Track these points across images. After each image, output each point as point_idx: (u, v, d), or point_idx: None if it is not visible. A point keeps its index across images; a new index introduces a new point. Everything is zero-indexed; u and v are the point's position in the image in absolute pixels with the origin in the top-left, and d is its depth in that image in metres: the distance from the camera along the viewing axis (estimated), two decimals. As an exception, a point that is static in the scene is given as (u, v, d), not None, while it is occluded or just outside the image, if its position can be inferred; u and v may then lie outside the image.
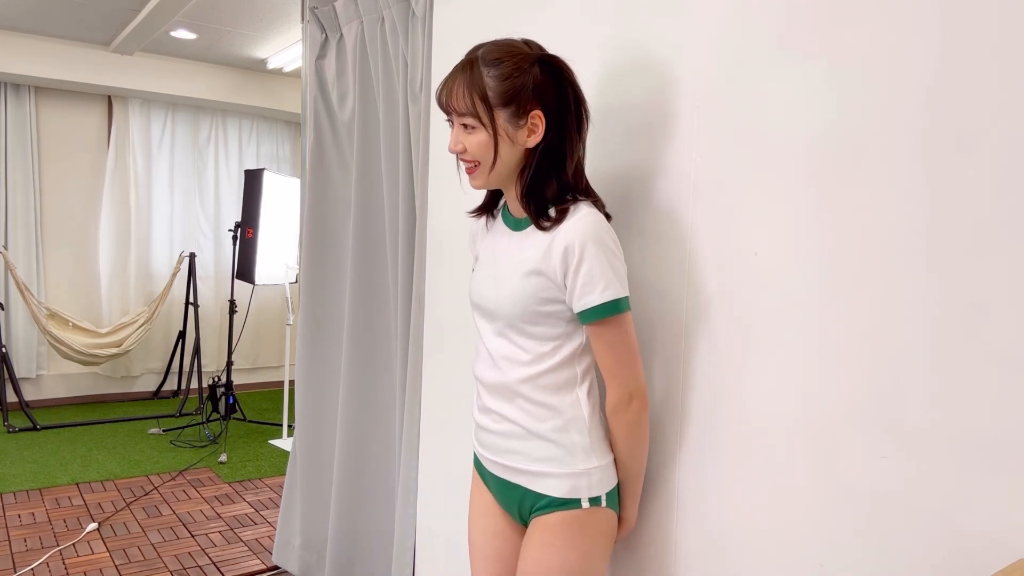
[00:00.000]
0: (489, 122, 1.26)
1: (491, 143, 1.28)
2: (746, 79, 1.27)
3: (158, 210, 5.97)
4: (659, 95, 1.42)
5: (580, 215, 1.27)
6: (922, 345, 1.04)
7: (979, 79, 0.99)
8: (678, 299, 1.38)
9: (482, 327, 1.42)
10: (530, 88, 1.25)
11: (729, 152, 1.30)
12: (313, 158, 2.68)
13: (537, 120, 1.26)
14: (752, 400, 1.26)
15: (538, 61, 1.27)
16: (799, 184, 1.19)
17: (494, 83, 1.25)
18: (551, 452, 1.32)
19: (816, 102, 1.17)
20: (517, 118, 1.26)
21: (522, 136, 1.28)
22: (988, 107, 0.98)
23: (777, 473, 1.22)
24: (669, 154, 1.40)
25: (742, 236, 1.28)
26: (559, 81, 1.28)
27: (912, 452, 1.05)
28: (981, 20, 0.99)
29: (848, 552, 1.13)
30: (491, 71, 1.25)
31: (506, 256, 1.37)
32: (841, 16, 1.14)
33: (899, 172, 1.07)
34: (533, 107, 1.26)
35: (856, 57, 1.12)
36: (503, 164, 1.30)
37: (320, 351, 2.74)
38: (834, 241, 1.15)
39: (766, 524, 1.24)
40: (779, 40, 1.22)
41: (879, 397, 1.09)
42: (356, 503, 2.52)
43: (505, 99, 1.25)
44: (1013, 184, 0.96)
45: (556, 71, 1.28)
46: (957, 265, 1.01)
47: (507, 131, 1.27)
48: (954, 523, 1.01)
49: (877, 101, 1.09)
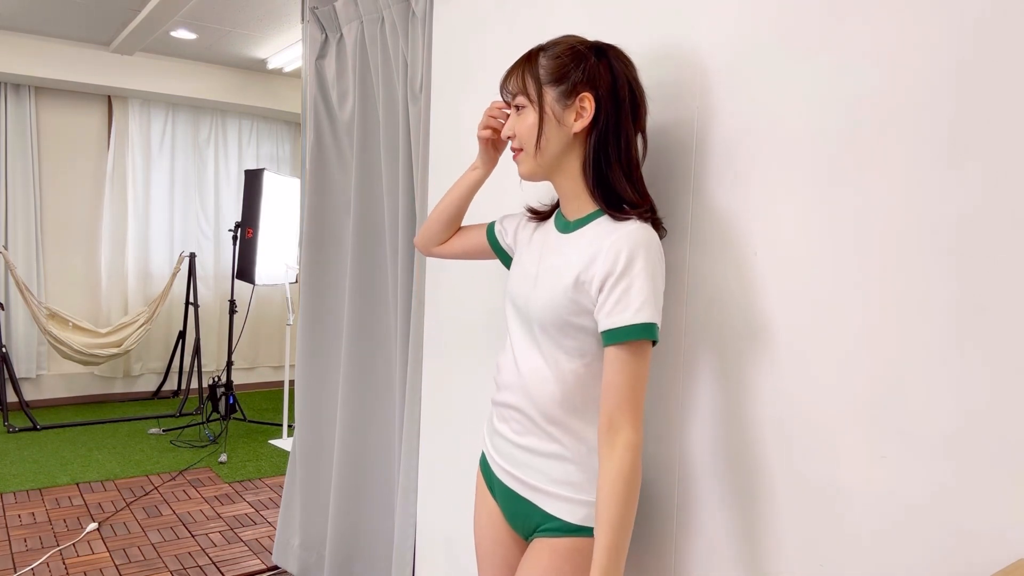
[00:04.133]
0: (537, 98, 1.25)
1: (536, 123, 1.25)
2: (750, 75, 1.27)
3: (158, 210, 5.97)
4: (659, 93, 1.42)
5: (636, 226, 1.21)
6: (922, 345, 1.04)
7: (983, 78, 0.99)
8: (678, 299, 1.38)
9: (513, 327, 1.37)
10: (581, 69, 1.22)
11: (732, 149, 1.30)
12: (313, 158, 2.68)
13: (586, 103, 1.22)
14: (752, 400, 1.26)
15: (595, 48, 1.25)
16: (801, 183, 1.19)
17: (547, 62, 1.25)
18: (572, 476, 1.27)
19: (821, 99, 1.17)
20: (566, 98, 1.23)
21: (569, 118, 1.24)
22: (1000, 104, 0.98)
23: (777, 473, 1.22)
24: (668, 153, 1.40)
25: (743, 235, 1.28)
26: (614, 69, 1.24)
27: (912, 452, 1.05)
28: (997, 13, 0.99)
29: (848, 552, 1.13)
30: (546, 53, 1.26)
31: (550, 256, 1.32)
32: (847, 11, 1.14)
33: (907, 171, 1.07)
34: (583, 89, 1.22)
35: (862, 53, 1.12)
36: (548, 146, 1.26)
37: (320, 351, 2.74)
38: (833, 241, 1.15)
39: (766, 524, 1.24)
40: (786, 36, 1.22)
41: (879, 397, 1.09)
42: (356, 503, 2.52)
43: (554, 77, 1.23)
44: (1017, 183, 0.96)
45: (613, 59, 1.25)
46: (957, 265, 1.01)
47: (555, 110, 1.24)
48: (954, 523, 1.01)
49: (882, 100, 1.09)
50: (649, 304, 1.16)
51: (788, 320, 1.21)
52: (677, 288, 1.38)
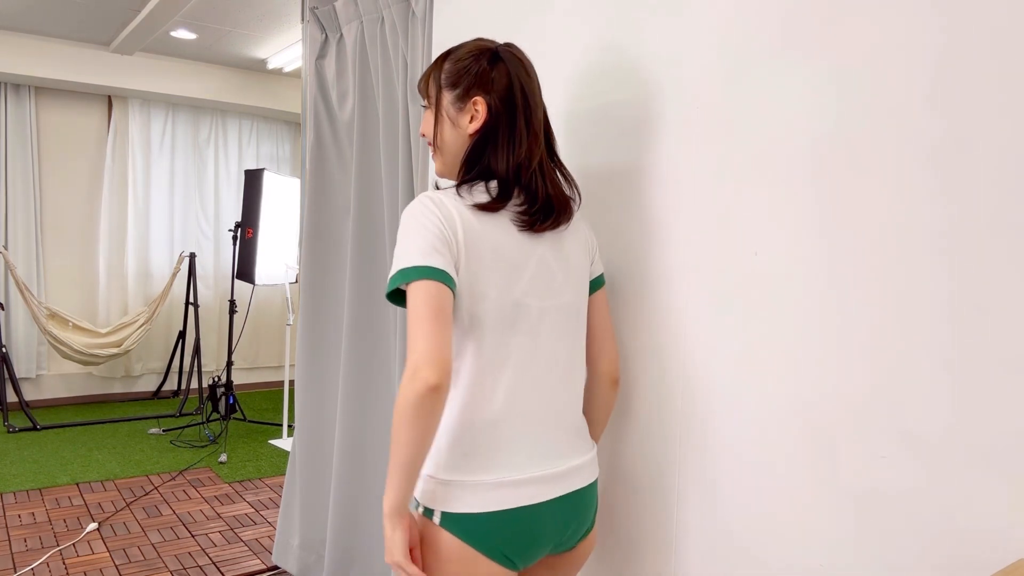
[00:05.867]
0: (435, 102, 1.31)
1: (432, 122, 1.32)
2: (747, 78, 1.27)
3: (158, 210, 5.97)
4: (660, 95, 1.42)
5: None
6: (922, 346, 1.04)
7: (982, 80, 0.99)
8: (680, 299, 1.38)
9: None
10: (475, 74, 1.27)
11: (729, 151, 1.30)
12: (313, 158, 2.68)
13: (479, 106, 1.27)
14: (752, 401, 1.26)
15: (492, 53, 1.29)
16: (799, 184, 1.19)
17: (448, 66, 1.31)
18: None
19: (817, 102, 1.17)
20: (460, 101, 1.29)
21: (464, 120, 1.29)
22: (991, 106, 0.98)
23: (777, 473, 1.22)
24: (666, 154, 1.40)
25: (742, 236, 1.28)
26: (510, 74, 1.27)
27: (912, 452, 1.05)
28: (985, 17, 0.99)
29: (848, 552, 1.13)
30: (450, 58, 1.32)
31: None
32: (841, 14, 1.14)
33: (900, 173, 1.07)
34: (476, 93, 1.28)
35: (857, 57, 1.12)
36: (445, 146, 1.32)
37: (320, 351, 2.74)
38: (832, 242, 1.15)
39: (766, 525, 1.24)
40: (780, 39, 1.22)
41: (879, 397, 1.09)
42: (355, 503, 2.52)
43: (451, 81, 1.29)
44: (1016, 184, 0.96)
45: (508, 63, 1.28)
46: (958, 266, 1.01)
47: (449, 113, 1.30)
48: (954, 523, 1.01)
49: (878, 101, 1.09)
50: (396, 259, 1.22)
51: (787, 320, 1.21)
52: (676, 288, 1.38)
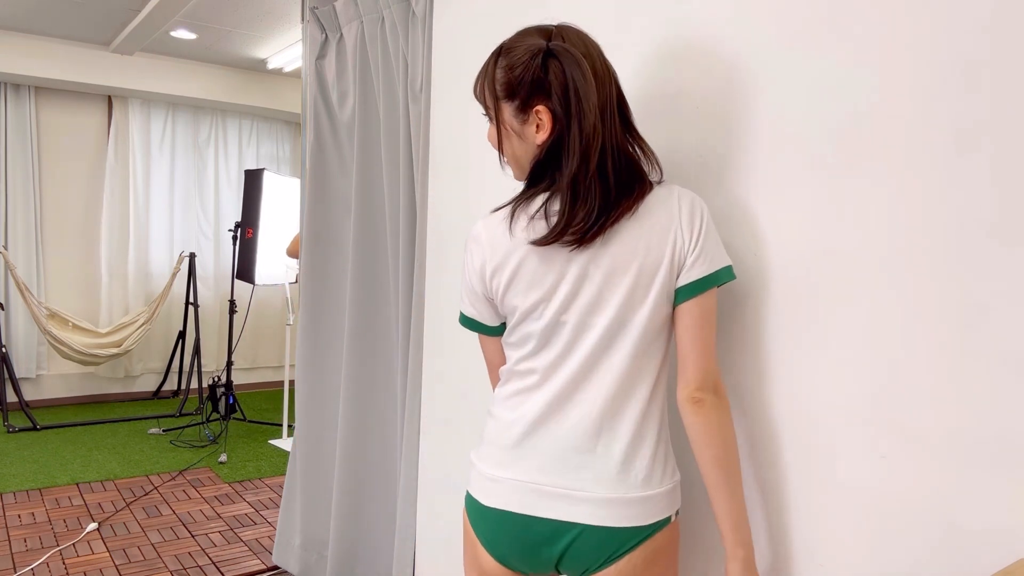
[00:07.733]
0: (495, 115, 1.19)
1: (496, 134, 1.20)
2: (756, 73, 1.27)
3: (158, 210, 5.97)
4: (660, 91, 1.42)
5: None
6: (922, 345, 1.04)
7: (982, 79, 0.99)
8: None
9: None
10: (531, 82, 1.13)
11: (740, 145, 1.30)
12: (313, 158, 2.68)
13: (543, 116, 1.14)
14: (751, 400, 1.26)
15: (543, 52, 1.13)
16: (807, 179, 1.19)
17: (500, 74, 1.16)
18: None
19: (828, 97, 1.17)
20: (522, 112, 1.16)
21: (530, 132, 1.16)
22: (995, 104, 0.98)
23: (777, 473, 1.22)
24: (674, 150, 1.40)
25: (748, 232, 1.28)
26: (565, 72, 1.12)
27: (912, 452, 1.05)
28: (991, 14, 0.99)
29: (848, 552, 1.13)
30: (500, 63, 1.17)
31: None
32: (857, 9, 1.14)
33: (904, 171, 1.07)
34: (537, 102, 1.14)
35: (868, 53, 1.12)
36: (516, 159, 1.20)
37: (320, 351, 2.74)
38: (834, 241, 1.15)
39: (766, 525, 1.24)
40: (792, 33, 1.22)
41: (879, 397, 1.09)
42: (356, 503, 2.52)
43: (507, 92, 1.16)
44: (1017, 182, 0.96)
45: (562, 58, 1.13)
46: (958, 265, 1.01)
47: (513, 126, 1.17)
48: (954, 523, 1.01)
49: (886, 98, 1.09)
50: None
51: (788, 318, 1.21)
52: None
